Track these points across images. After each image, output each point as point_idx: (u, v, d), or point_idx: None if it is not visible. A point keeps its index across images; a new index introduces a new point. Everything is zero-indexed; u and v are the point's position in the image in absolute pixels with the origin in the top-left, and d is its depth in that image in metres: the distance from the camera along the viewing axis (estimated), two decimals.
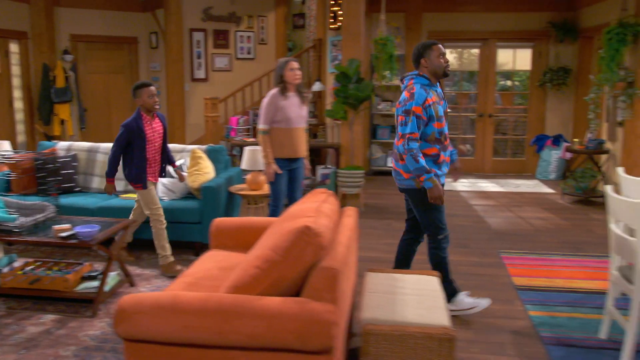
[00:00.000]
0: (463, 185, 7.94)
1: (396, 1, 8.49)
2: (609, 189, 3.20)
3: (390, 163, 6.78)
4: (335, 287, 2.36)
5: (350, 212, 3.27)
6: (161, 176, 4.51)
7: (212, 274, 3.03)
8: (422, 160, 3.38)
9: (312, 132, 7.25)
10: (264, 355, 2.34)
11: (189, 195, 5.15)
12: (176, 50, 8.88)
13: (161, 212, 4.39)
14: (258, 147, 5.12)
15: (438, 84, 3.60)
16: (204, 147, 5.42)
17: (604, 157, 7.09)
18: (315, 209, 2.87)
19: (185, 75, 9.12)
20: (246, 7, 9.65)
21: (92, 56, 9.31)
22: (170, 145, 5.49)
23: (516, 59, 8.59)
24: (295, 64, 4.54)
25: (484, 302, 3.60)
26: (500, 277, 4.47)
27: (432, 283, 3.06)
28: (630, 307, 3.07)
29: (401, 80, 3.63)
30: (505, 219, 6.19)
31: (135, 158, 4.22)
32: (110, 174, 4.30)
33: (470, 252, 5.08)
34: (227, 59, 9.56)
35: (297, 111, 4.61)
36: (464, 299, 3.62)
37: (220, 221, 3.64)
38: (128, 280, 4.20)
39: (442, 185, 3.56)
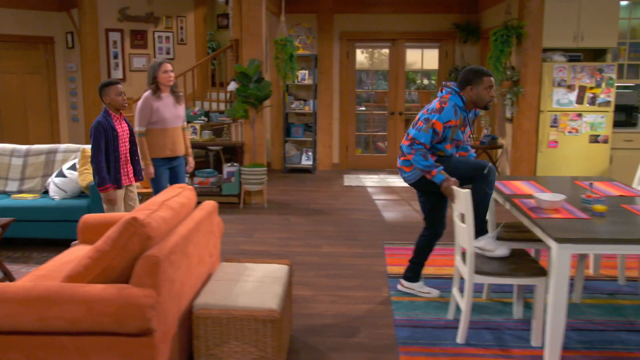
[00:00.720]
0: (372, 180, 8.21)
1: (308, 2, 8.71)
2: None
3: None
4: (156, 274, 2.52)
5: (205, 207, 3.42)
6: (137, 179, 4.47)
7: (64, 267, 3.14)
8: (431, 160, 3.51)
9: (220, 130, 7.36)
10: (87, 340, 2.48)
11: (82, 194, 5.21)
12: (92, 51, 8.84)
13: None
14: None
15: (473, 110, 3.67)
16: None
17: (499, 151, 7.47)
18: (161, 202, 3.03)
19: (102, 75, 9.08)
20: (164, 7, 9.67)
21: (6, 56, 9.16)
22: (63, 145, 5.55)
23: (424, 58, 8.93)
24: (168, 66, 4.63)
25: (504, 251, 3.45)
26: (377, 266, 4.71)
27: (278, 271, 3.25)
28: (464, 289, 3.34)
29: (442, 87, 3.65)
30: (401, 212, 6.46)
31: (110, 159, 4.15)
32: (103, 182, 4.14)
33: (357, 244, 5.31)
34: (145, 59, 9.56)
35: (173, 111, 4.71)
36: (490, 243, 3.49)
37: (87, 217, 3.74)
38: (7, 278, 4.25)
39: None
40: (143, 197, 5.55)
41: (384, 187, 7.79)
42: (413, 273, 4.03)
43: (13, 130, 9.33)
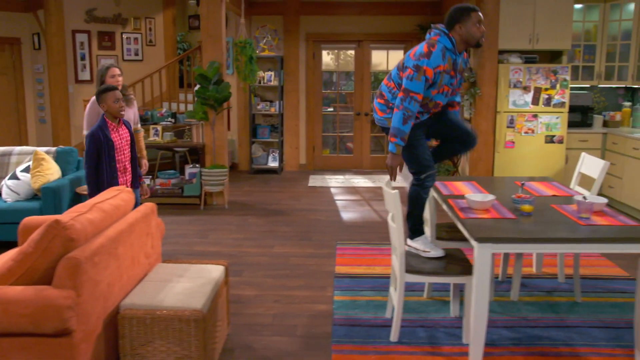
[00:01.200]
0: (336, 181, 8.28)
1: (274, 4, 8.76)
2: (384, 184, 3.52)
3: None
4: (76, 276, 2.56)
5: (142, 209, 3.45)
6: (134, 186, 4.25)
7: None
8: (407, 127, 3.29)
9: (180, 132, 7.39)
10: (5, 341, 2.51)
11: (35, 196, 5.22)
12: (57, 52, 8.81)
13: None
14: None
15: (463, 52, 3.43)
16: (54, 148, 5.49)
17: None
18: (92, 204, 3.07)
19: (69, 76, 9.06)
20: (132, 8, 9.68)
21: None
22: (17, 148, 5.55)
23: (389, 59, 9.01)
24: (116, 70, 4.52)
25: (439, 252, 3.49)
26: (325, 266, 4.78)
27: (212, 272, 3.30)
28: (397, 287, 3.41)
29: (430, 29, 3.41)
30: (360, 212, 6.53)
31: (105, 170, 3.95)
32: (91, 194, 3.92)
33: (310, 244, 5.37)
34: (113, 61, 9.55)
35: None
36: (426, 244, 3.54)
37: (28, 220, 3.75)
38: None
39: (427, 117, 3.53)
40: None
41: (347, 188, 7.86)
42: (412, 226, 3.59)
43: None
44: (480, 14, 3.30)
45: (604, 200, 3.40)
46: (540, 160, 6.72)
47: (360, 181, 8.25)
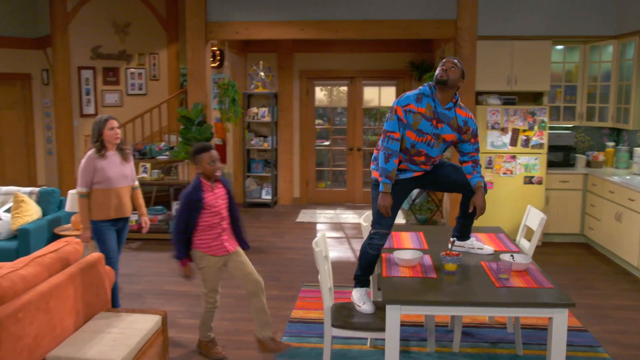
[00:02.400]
0: (325, 216, 8.41)
1: (268, 42, 9.01)
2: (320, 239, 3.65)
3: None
4: None
5: (87, 260, 3.66)
6: (242, 247, 4.08)
7: None
8: (391, 165, 3.41)
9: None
10: None
11: (16, 236, 5.48)
12: (63, 88, 9.21)
13: (214, 295, 3.99)
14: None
15: (453, 106, 3.44)
16: (37, 189, 5.77)
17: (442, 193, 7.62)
18: (32, 258, 3.29)
19: (74, 111, 9.44)
20: (137, 45, 10.06)
21: None
22: (3, 188, 5.85)
23: (381, 95, 9.15)
24: (114, 123, 4.39)
25: (369, 308, 3.51)
26: (284, 310, 4.90)
27: (145, 323, 3.46)
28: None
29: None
30: (338, 252, 6.63)
31: (192, 231, 3.83)
32: (181, 255, 3.85)
33: (276, 285, 5.50)
34: (117, 95, 9.93)
35: (119, 170, 4.43)
36: (363, 297, 3.58)
37: None
38: None
39: (410, 176, 3.59)
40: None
41: (334, 224, 7.98)
42: (355, 275, 3.65)
43: None
44: (447, 60, 3.40)
45: (528, 260, 3.47)
46: (520, 200, 6.74)
47: (349, 216, 8.36)
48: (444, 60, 3.43)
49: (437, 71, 3.41)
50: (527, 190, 6.75)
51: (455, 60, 3.41)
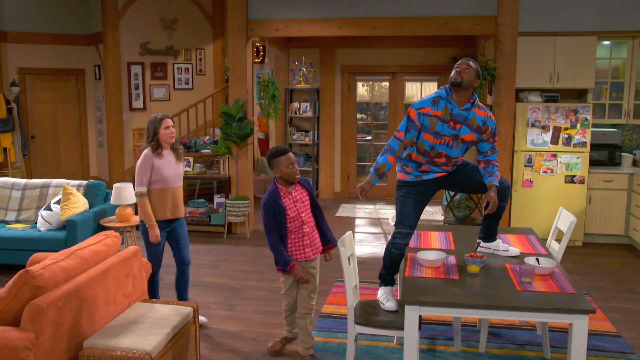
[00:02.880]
0: (365, 211, 8.46)
1: (310, 38, 9.09)
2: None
3: None
4: (37, 319, 2.97)
5: (124, 253, 3.85)
6: (328, 246, 4.03)
7: None
8: (382, 159, 3.50)
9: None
10: None
11: (64, 227, 5.78)
12: (113, 83, 9.57)
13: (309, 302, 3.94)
14: (124, 185, 5.73)
15: (470, 106, 3.47)
16: (85, 182, 6.07)
17: None
18: (72, 251, 3.50)
19: (123, 105, 9.80)
20: (184, 40, 10.33)
21: (41, 87, 10.07)
22: (55, 180, 6.16)
23: (423, 91, 9.11)
24: (170, 122, 4.35)
25: (392, 306, 3.60)
26: (316, 305, 4.96)
27: (177, 315, 3.63)
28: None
29: None
30: (374, 248, 6.70)
31: (287, 238, 3.83)
32: (287, 261, 3.79)
33: None
34: (165, 90, 10.25)
35: (174, 169, 4.41)
36: (387, 295, 3.67)
37: (35, 256, 4.25)
38: None
39: (433, 177, 3.63)
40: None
41: (372, 219, 8.03)
42: (380, 274, 3.74)
43: (46, 155, 10.23)
44: (461, 61, 3.43)
45: (553, 264, 3.45)
46: (560, 200, 6.62)
47: (388, 212, 8.39)
48: (458, 62, 3.45)
49: (452, 73, 3.43)
50: (569, 190, 6.62)
51: (470, 62, 3.43)
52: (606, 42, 6.84)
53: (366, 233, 7.33)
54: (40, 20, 9.81)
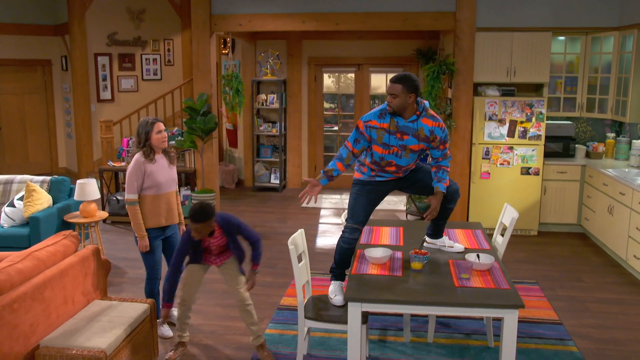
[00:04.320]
0: (331, 201, 8.63)
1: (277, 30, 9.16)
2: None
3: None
4: None
5: (82, 252, 3.95)
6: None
7: None
8: (332, 164, 3.73)
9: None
10: None
11: (28, 223, 5.83)
12: (81, 74, 9.55)
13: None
14: (87, 181, 5.80)
15: (416, 118, 3.56)
16: (48, 178, 6.11)
17: None
18: (28, 253, 3.60)
19: (91, 96, 9.79)
20: (151, 31, 10.32)
21: (7, 78, 9.99)
22: (19, 176, 6.19)
23: (388, 82, 9.23)
24: (162, 125, 4.23)
25: (339, 301, 3.70)
26: (274, 297, 5.17)
27: (134, 312, 3.76)
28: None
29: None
30: (336, 238, 6.86)
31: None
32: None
33: (271, 272, 5.77)
34: (133, 81, 10.25)
35: (167, 174, 4.30)
36: (336, 290, 3.78)
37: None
38: None
39: (386, 179, 3.80)
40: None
41: (337, 209, 8.20)
42: (331, 269, 3.89)
43: (14, 147, 10.19)
44: (389, 86, 3.55)
45: (491, 260, 3.64)
46: (517, 191, 6.85)
47: None
48: (388, 85, 3.55)
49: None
50: (524, 181, 6.85)
51: (397, 84, 3.48)
52: (561, 38, 7.04)
53: (330, 224, 7.50)
54: (4, 10, 9.71)
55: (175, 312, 4.56)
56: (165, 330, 4.42)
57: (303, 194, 3.80)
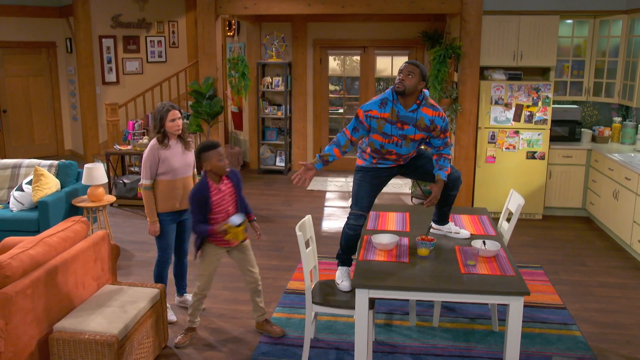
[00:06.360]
0: (336, 184, 8.66)
1: None
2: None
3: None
4: (5, 307, 3.13)
5: (93, 237, 4.00)
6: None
7: None
8: (328, 149, 3.75)
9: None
10: None
11: (36, 207, 5.88)
12: (85, 56, 9.53)
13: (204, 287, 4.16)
14: (95, 165, 5.84)
15: (417, 107, 3.58)
16: (56, 162, 6.15)
17: None
18: (40, 239, 3.65)
19: (96, 78, 9.79)
20: (156, 13, 10.28)
21: (12, 60, 9.99)
22: (27, 160, 6.24)
23: (394, 65, 9.22)
24: (177, 113, 4.22)
25: (346, 286, 3.78)
26: (281, 280, 5.23)
27: (144, 296, 3.82)
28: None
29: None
30: (342, 222, 6.90)
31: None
32: (205, 229, 3.93)
33: (277, 255, 5.83)
34: (138, 63, 10.23)
35: (182, 159, 4.31)
36: (343, 275, 3.84)
37: (7, 240, 4.38)
38: None
39: (388, 166, 3.83)
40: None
41: (343, 192, 8.23)
42: (337, 255, 3.96)
43: (19, 129, 10.22)
44: (403, 66, 3.53)
45: (497, 247, 3.67)
46: (522, 175, 6.87)
47: None
48: (401, 67, 3.55)
49: (396, 79, 3.55)
50: (530, 165, 6.85)
51: (414, 66, 3.52)
52: (568, 21, 6.99)
53: (336, 207, 7.54)
54: None
55: (188, 297, 4.65)
56: (170, 315, 4.49)
57: (296, 176, 3.81)
